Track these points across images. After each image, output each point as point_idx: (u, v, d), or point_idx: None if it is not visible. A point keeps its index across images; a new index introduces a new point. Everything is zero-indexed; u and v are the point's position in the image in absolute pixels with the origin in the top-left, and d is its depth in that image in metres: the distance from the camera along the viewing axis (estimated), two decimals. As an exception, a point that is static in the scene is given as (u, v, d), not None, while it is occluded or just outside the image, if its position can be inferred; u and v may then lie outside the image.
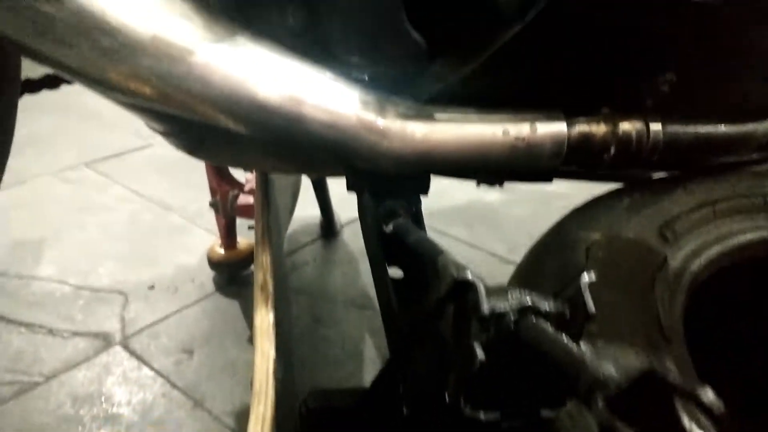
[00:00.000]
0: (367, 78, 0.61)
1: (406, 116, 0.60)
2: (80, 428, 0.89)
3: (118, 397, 0.95)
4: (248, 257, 1.18)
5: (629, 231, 0.70)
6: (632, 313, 0.58)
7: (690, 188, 0.78)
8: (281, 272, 1.10)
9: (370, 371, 0.99)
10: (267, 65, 0.53)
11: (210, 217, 1.25)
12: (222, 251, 1.20)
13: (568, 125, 0.66)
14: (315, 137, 0.56)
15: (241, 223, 1.20)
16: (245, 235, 1.20)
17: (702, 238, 0.73)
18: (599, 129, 0.67)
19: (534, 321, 0.33)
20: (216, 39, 0.51)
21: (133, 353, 1.03)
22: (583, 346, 0.32)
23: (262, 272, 0.60)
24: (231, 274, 1.22)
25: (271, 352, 0.50)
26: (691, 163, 0.78)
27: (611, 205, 0.75)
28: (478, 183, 0.71)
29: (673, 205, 0.76)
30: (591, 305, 0.34)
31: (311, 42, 0.58)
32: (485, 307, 0.33)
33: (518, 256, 0.71)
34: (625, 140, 0.68)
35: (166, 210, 1.45)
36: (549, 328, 0.33)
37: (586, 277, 0.35)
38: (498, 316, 0.33)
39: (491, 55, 0.60)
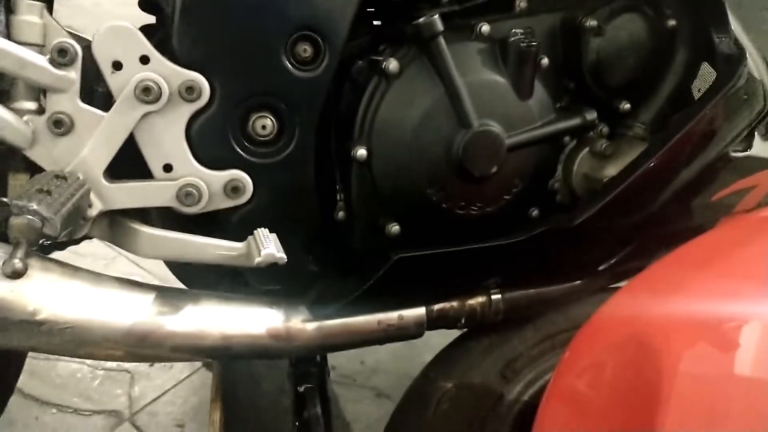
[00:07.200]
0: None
1: (306, 320, 0.89)
2: (102, 496, 1.21)
3: (129, 467, 1.26)
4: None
5: (478, 375, 0.97)
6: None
7: (538, 324, 1.04)
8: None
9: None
10: (207, 316, 0.82)
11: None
12: (207, 333, 1.50)
13: (427, 308, 0.93)
14: (241, 352, 0.85)
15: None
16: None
17: (538, 369, 1.00)
18: (452, 307, 0.95)
19: None
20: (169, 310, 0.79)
21: (138, 429, 1.34)
22: None
23: (212, 429, 0.89)
24: (215, 352, 1.52)
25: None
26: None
27: (469, 348, 1.00)
28: (369, 344, 0.99)
29: (519, 343, 1.01)
30: None
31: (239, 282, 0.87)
32: None
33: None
34: (472, 312, 0.96)
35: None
36: None
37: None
38: None
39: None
